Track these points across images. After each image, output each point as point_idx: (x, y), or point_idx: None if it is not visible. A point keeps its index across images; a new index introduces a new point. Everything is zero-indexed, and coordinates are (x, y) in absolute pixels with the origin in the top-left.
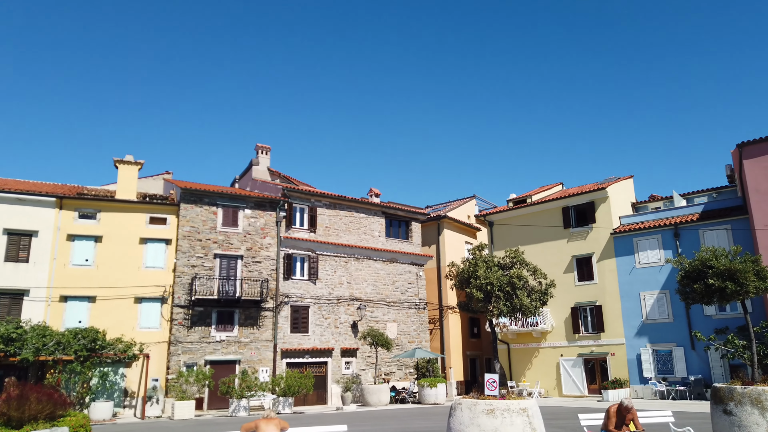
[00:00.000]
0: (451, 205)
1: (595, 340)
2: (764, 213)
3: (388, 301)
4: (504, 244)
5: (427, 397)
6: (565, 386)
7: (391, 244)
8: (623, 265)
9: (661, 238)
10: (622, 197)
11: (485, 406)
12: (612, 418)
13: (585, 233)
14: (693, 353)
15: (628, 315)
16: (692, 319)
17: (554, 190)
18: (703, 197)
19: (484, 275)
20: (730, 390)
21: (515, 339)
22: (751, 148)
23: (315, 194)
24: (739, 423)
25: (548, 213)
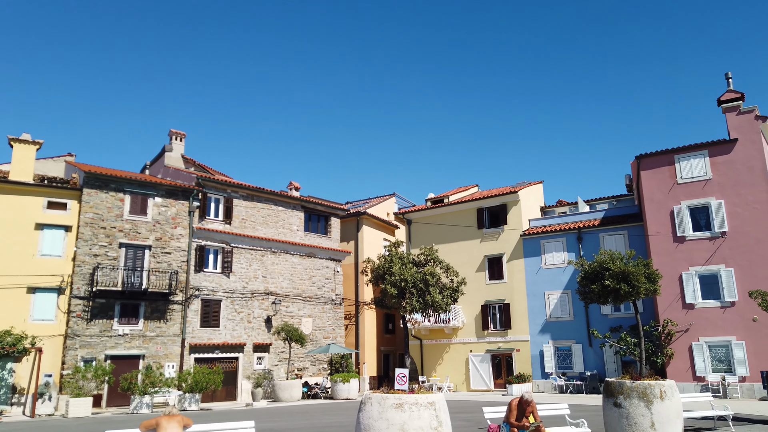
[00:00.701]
0: (371, 201)
1: (503, 337)
2: (657, 221)
3: (305, 296)
4: (421, 242)
5: (340, 393)
6: (473, 381)
7: (310, 238)
8: (531, 265)
9: (566, 241)
10: (532, 201)
11: (394, 400)
12: (513, 411)
13: (497, 234)
14: (590, 350)
15: (533, 313)
16: (590, 318)
17: (470, 191)
18: (604, 204)
19: (398, 272)
20: (620, 384)
21: (428, 335)
22: (647, 160)
23: (232, 185)
24: (627, 415)
25: (464, 213)
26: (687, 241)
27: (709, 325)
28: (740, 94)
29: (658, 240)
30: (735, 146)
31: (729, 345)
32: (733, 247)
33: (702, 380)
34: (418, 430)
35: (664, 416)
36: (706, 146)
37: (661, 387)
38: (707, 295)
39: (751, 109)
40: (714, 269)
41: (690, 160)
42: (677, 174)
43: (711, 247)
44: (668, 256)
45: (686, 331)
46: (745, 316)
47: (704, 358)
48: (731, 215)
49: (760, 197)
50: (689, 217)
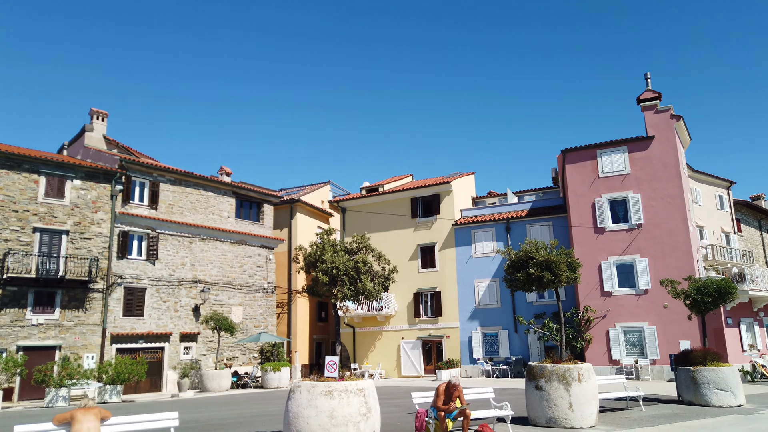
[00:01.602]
0: (305, 189)
1: (434, 324)
2: (579, 213)
3: (235, 284)
4: (356, 230)
5: (271, 381)
6: (404, 367)
7: (241, 225)
8: (462, 254)
9: (495, 231)
10: (465, 191)
11: (324, 387)
12: (440, 396)
13: (430, 223)
14: (516, 336)
15: (463, 301)
16: (517, 305)
17: (405, 180)
18: (532, 196)
19: (330, 259)
20: (541, 368)
21: (361, 323)
22: (572, 154)
23: (158, 168)
24: (547, 397)
25: (398, 202)
26: (606, 232)
27: (624, 312)
28: (657, 93)
29: (581, 231)
30: (652, 143)
31: (642, 330)
32: (648, 238)
33: (617, 363)
34: (347, 417)
35: (581, 398)
36: (625, 142)
37: (579, 370)
38: (623, 284)
39: (667, 109)
40: (630, 259)
41: (611, 155)
42: (599, 168)
43: (628, 238)
44: (589, 246)
45: (604, 317)
46: (656, 303)
47: (619, 343)
48: (647, 208)
49: (673, 192)
50: (609, 210)
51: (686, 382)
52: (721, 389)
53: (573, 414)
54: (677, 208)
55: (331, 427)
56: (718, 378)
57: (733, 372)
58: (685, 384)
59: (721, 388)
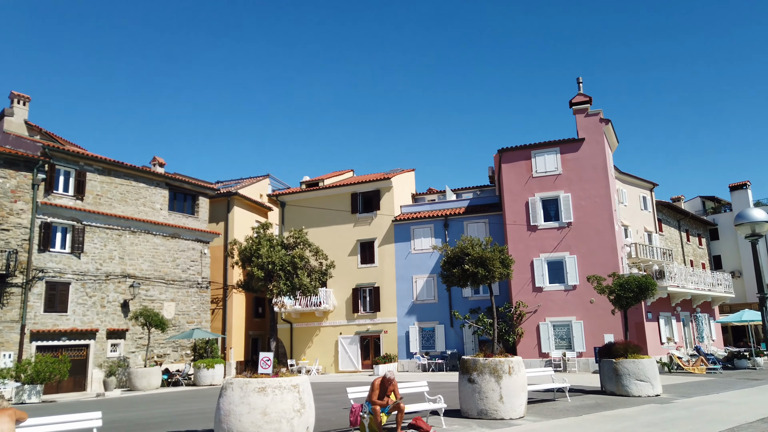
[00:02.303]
0: (243, 182)
1: (372, 319)
2: (514, 211)
3: (167, 279)
4: (295, 225)
5: (203, 379)
6: (342, 363)
7: (175, 218)
8: (401, 250)
9: (434, 227)
10: (405, 188)
11: (257, 384)
12: (376, 390)
13: (370, 219)
14: (452, 330)
15: (401, 296)
16: (453, 300)
17: (345, 176)
18: (469, 193)
19: (266, 254)
20: (474, 361)
21: (299, 318)
22: (508, 154)
23: (85, 157)
24: (479, 389)
25: (338, 198)
26: (539, 230)
27: (554, 307)
28: (588, 97)
29: (515, 228)
30: (582, 145)
31: (570, 324)
32: (577, 236)
33: (547, 356)
34: (281, 413)
35: (511, 390)
36: (558, 144)
37: (509, 363)
38: (554, 279)
39: (597, 112)
40: (560, 256)
41: (544, 156)
42: (533, 168)
43: (558, 236)
44: (522, 244)
45: (535, 311)
46: (583, 298)
47: (549, 336)
48: (576, 207)
49: (601, 192)
50: (541, 208)
51: (609, 374)
52: (641, 380)
53: (503, 406)
54: (604, 207)
55: (263, 424)
56: (638, 369)
57: (651, 363)
58: (608, 375)
59: (640, 379)
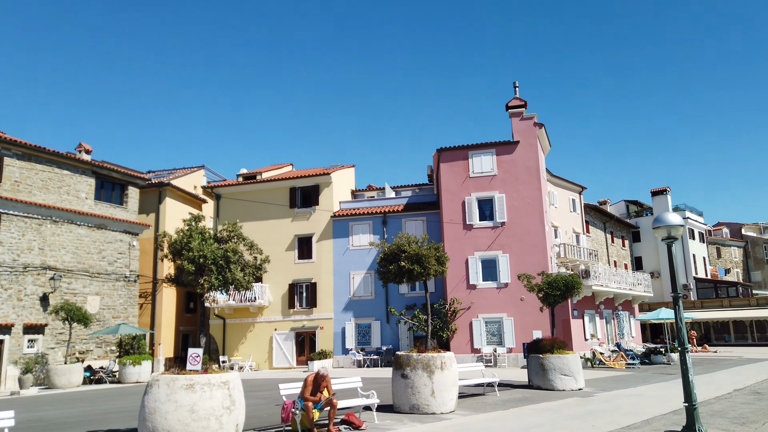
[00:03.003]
0: (177, 172)
1: (308, 315)
2: (451, 209)
3: (92, 271)
4: (231, 218)
5: (129, 376)
6: (276, 359)
7: (102, 208)
8: (339, 246)
9: (372, 224)
10: (344, 184)
11: (185, 381)
12: (308, 387)
13: (308, 214)
14: (387, 326)
15: (338, 292)
16: (390, 297)
17: (284, 170)
18: (408, 191)
19: (197, 247)
20: (408, 357)
21: (232, 314)
22: (446, 153)
23: (3, 141)
24: (412, 385)
25: (276, 191)
26: (474, 228)
27: (486, 304)
28: (524, 102)
29: (451, 227)
30: (517, 148)
31: (501, 321)
32: (509, 236)
33: (478, 352)
34: (210, 411)
35: (443, 385)
36: (494, 145)
37: (442, 359)
38: (487, 277)
39: (531, 116)
40: (493, 255)
41: (481, 157)
42: (470, 168)
43: (492, 235)
44: (458, 242)
45: (468, 308)
46: (514, 296)
47: (481, 333)
48: (510, 208)
49: (533, 194)
50: (477, 208)
51: (536, 369)
52: (565, 374)
53: (435, 400)
54: (536, 209)
55: (191, 422)
56: (563, 364)
57: (575, 359)
58: (535, 370)
59: (565, 374)
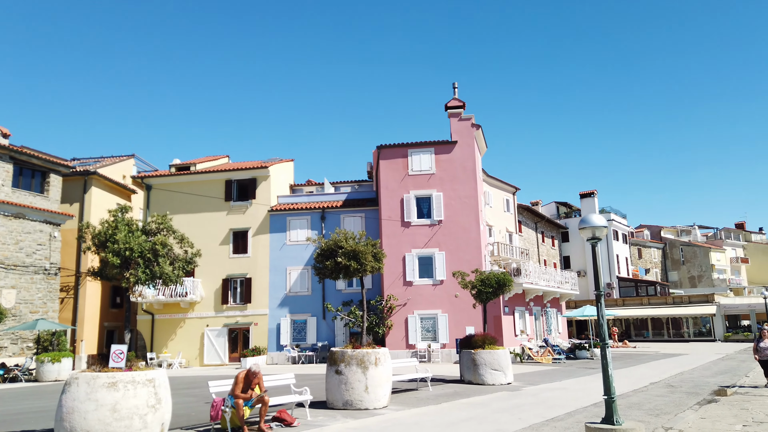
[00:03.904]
0: (104, 161)
1: (242, 311)
2: (389, 207)
3: (8, 263)
4: (162, 210)
5: (47, 374)
6: (208, 356)
7: (20, 196)
8: (276, 241)
9: (311, 219)
10: (283, 178)
11: (106, 379)
12: (239, 383)
13: (245, 208)
14: (324, 322)
15: (274, 288)
16: (327, 293)
17: (220, 161)
18: (348, 187)
19: (123, 239)
20: (342, 353)
21: (162, 309)
22: (386, 151)
23: None
24: (346, 380)
25: (211, 184)
26: (412, 226)
27: (422, 300)
28: (462, 102)
29: (390, 224)
30: (455, 147)
31: (436, 317)
32: (446, 234)
33: (413, 347)
34: (133, 410)
35: (377, 380)
36: (432, 144)
37: (376, 354)
38: (423, 274)
39: (469, 117)
40: (430, 252)
41: (420, 155)
42: (409, 166)
43: (429, 233)
44: (396, 239)
45: (404, 305)
46: (449, 293)
47: (416, 329)
48: (447, 206)
49: (470, 193)
50: (415, 206)
51: (468, 364)
52: (495, 369)
53: (368, 396)
54: (472, 208)
55: (113, 422)
56: (493, 359)
57: (505, 354)
58: (467, 365)
59: (495, 369)
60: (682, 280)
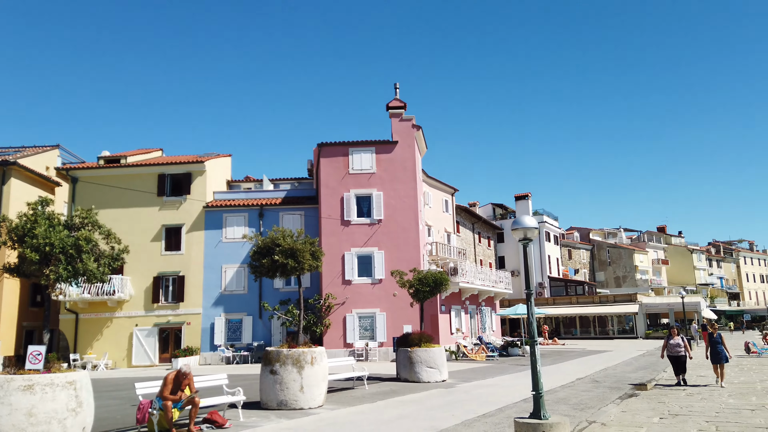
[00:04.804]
0: (25, 151)
1: (174, 310)
2: (330, 205)
3: None
4: (89, 204)
5: None
6: (136, 356)
7: None
8: (211, 238)
9: (248, 217)
10: (220, 173)
11: (22, 381)
12: (168, 385)
13: (178, 203)
14: (260, 322)
15: (208, 286)
16: (264, 292)
17: (153, 155)
18: (287, 184)
19: (43, 234)
20: (277, 352)
21: (87, 308)
22: (327, 149)
23: None
24: (281, 380)
25: (143, 178)
26: (352, 225)
27: (361, 299)
28: (403, 103)
29: (329, 222)
30: (396, 147)
31: (374, 316)
32: (385, 233)
33: (351, 346)
34: (51, 414)
35: (312, 379)
36: (374, 144)
37: (312, 354)
38: (362, 273)
39: (410, 118)
40: (369, 251)
41: (361, 154)
42: (350, 165)
43: (369, 232)
44: (336, 237)
45: (343, 304)
46: (388, 292)
47: (355, 327)
48: (387, 206)
49: (409, 193)
50: (355, 204)
51: (404, 362)
52: (431, 367)
53: (303, 395)
54: (412, 207)
55: (28, 426)
56: (429, 357)
57: (440, 352)
58: (403, 363)
59: (430, 366)
60: (608, 280)
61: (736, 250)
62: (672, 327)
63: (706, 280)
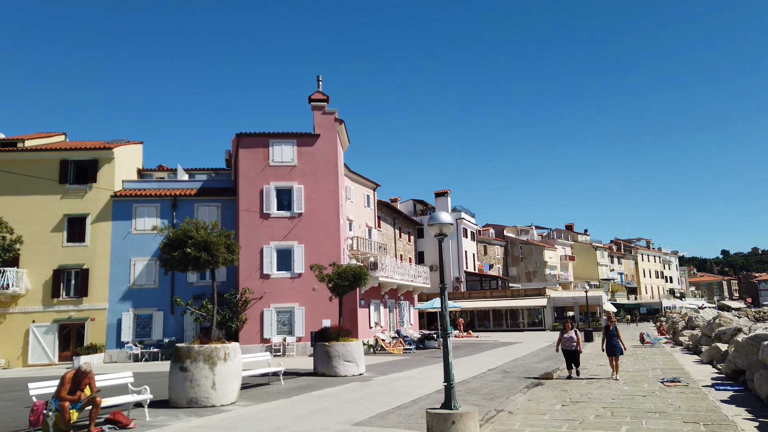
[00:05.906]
0: None
1: (77, 305)
2: (248, 197)
3: None
4: None
5: None
6: (33, 355)
7: None
8: (119, 229)
9: (160, 207)
10: (130, 161)
11: None
12: (66, 384)
13: (83, 192)
14: (172, 317)
15: (115, 280)
16: (176, 286)
17: (55, 139)
18: (203, 175)
19: None
20: (188, 349)
21: None
22: (246, 139)
23: None
24: (191, 377)
25: (43, 163)
26: (271, 218)
27: (279, 293)
28: (326, 96)
29: (248, 215)
30: (317, 141)
31: (293, 310)
32: (306, 227)
33: (268, 342)
34: None
35: (225, 376)
36: (295, 136)
37: (225, 350)
38: (281, 267)
39: (332, 112)
40: (289, 245)
41: (282, 146)
42: (270, 157)
43: (289, 225)
44: (254, 230)
45: (260, 298)
46: (307, 286)
47: (272, 322)
48: (308, 199)
49: (331, 187)
50: (275, 197)
51: (322, 356)
52: (348, 361)
53: (215, 393)
54: (333, 201)
55: None
56: (347, 351)
57: (358, 346)
58: (321, 358)
59: (348, 360)
60: (520, 275)
61: (635, 247)
62: (566, 321)
63: (608, 275)
